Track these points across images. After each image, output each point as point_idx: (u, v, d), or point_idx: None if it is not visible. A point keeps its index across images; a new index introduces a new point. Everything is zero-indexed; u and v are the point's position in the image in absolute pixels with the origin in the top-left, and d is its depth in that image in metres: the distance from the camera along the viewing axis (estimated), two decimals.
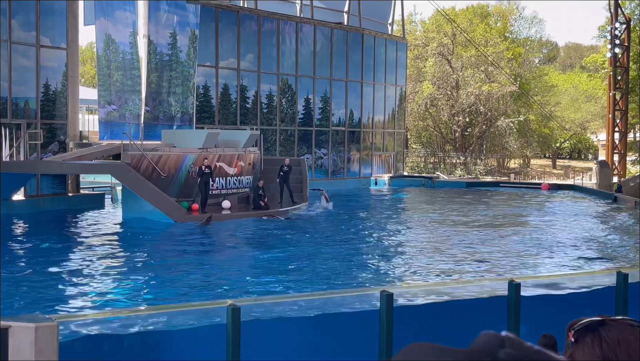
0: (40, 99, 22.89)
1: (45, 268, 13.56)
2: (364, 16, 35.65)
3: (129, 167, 20.00)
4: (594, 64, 56.34)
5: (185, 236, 18.11)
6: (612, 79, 39.90)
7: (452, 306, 8.35)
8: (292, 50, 31.91)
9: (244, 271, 13.64)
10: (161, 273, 13.30)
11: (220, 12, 28.71)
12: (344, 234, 18.78)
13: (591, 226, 21.56)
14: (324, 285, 12.40)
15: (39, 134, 22.50)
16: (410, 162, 49.68)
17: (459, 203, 27.98)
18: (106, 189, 26.24)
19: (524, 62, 54.05)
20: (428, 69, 51.47)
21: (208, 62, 28.51)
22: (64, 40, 23.62)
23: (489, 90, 49.32)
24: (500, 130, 51.95)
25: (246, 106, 30.04)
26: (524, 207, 27.09)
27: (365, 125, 35.67)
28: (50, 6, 23.09)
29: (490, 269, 14.15)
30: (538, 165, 58.73)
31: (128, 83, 25.03)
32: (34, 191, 22.74)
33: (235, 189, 22.76)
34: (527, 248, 16.81)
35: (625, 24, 39.47)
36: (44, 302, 10.85)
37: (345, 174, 34.65)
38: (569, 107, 58.22)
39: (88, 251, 15.88)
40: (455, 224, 21.21)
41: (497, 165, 51.05)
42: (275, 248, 16.08)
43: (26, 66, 22.51)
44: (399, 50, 38.06)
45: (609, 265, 14.72)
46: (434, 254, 15.76)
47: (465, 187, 35.51)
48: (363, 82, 35.31)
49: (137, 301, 11.31)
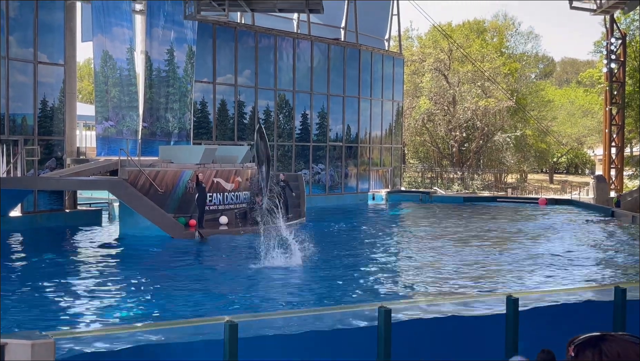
0: (37, 116, 22.91)
1: (41, 285, 13.51)
2: (361, 32, 35.80)
3: (126, 184, 19.99)
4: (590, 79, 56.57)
5: (183, 252, 18.07)
6: (608, 94, 40.05)
7: (450, 322, 8.32)
8: (289, 66, 32.01)
9: (241, 287, 13.60)
10: (158, 289, 13.26)
11: (218, 28, 28.81)
12: (341, 249, 18.74)
13: (589, 241, 21.54)
14: (321, 301, 12.36)
15: (36, 151, 22.50)
16: (408, 178, 49.71)
17: (457, 218, 27.98)
18: (103, 205, 26.21)
19: (520, 77, 54.24)
20: (425, 85, 51.61)
21: (205, 78, 28.57)
22: (61, 56, 23.68)
23: (486, 105, 49.45)
24: (497, 145, 52.05)
25: (243, 122, 30.08)
26: (521, 222, 27.08)
27: (362, 140, 35.73)
28: (48, 23, 23.17)
29: (488, 285, 14.12)
30: (535, 180, 58.78)
31: (125, 99, 25.07)
32: (31, 207, 22.70)
33: (232, 205, 22.74)
34: (525, 263, 16.79)
35: (620, 39, 39.69)
36: (40, 319, 10.80)
37: (342, 190, 34.65)
38: (566, 122, 58.35)
39: (85, 267, 15.83)
40: (453, 240, 21.19)
41: (494, 180, 51.09)
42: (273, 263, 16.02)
43: (24, 83, 22.55)
44: (396, 65, 38.20)
45: (607, 280, 14.70)
46: (431, 270, 15.73)
47: (462, 202, 35.53)
48: (360, 97, 35.40)
49: (134, 318, 11.26)
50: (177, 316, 11.04)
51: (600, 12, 39.08)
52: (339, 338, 7.44)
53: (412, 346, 7.35)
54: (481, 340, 7.75)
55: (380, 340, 6.48)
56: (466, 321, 8.29)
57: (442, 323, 8.27)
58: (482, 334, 7.77)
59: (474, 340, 7.77)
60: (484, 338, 7.75)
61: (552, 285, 14.06)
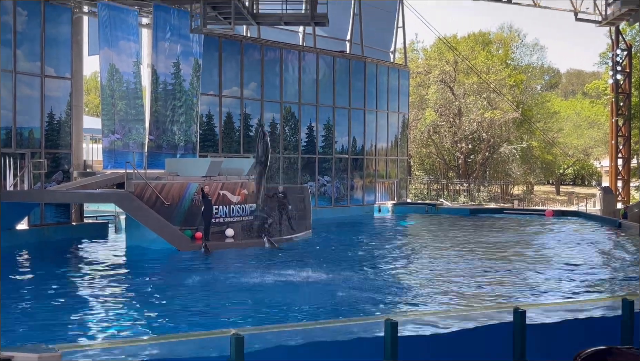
0: (44, 129, 23.02)
1: (48, 298, 13.52)
2: (366, 44, 35.90)
3: (132, 196, 20.03)
4: (596, 90, 56.56)
5: (189, 264, 18.07)
6: (614, 106, 40.00)
7: (456, 335, 8.29)
8: (295, 78, 32.10)
9: (247, 300, 13.58)
10: (164, 302, 13.26)
11: (224, 42, 28.93)
12: (347, 261, 18.72)
13: (596, 253, 21.47)
14: (327, 313, 12.33)
15: (43, 164, 22.58)
16: (414, 189, 49.66)
17: (463, 229, 27.93)
18: (110, 218, 26.25)
19: (526, 89, 54.23)
20: (430, 96, 51.65)
21: (211, 91, 28.68)
22: (68, 70, 23.81)
23: (492, 117, 49.43)
24: (503, 157, 51.98)
25: (249, 134, 30.14)
26: (528, 234, 27.01)
27: (368, 152, 35.75)
28: (55, 37, 23.31)
29: (495, 297, 14.08)
30: (541, 191, 58.66)
31: (132, 112, 25.16)
32: (37, 220, 22.76)
33: (238, 217, 22.75)
34: (532, 275, 16.74)
35: (626, 51, 39.67)
36: (47, 332, 10.81)
37: (348, 202, 34.65)
38: (572, 134, 58.27)
39: (91, 280, 15.84)
40: (460, 251, 21.15)
41: (500, 192, 51.00)
42: (278, 276, 16.02)
43: (30, 96, 22.66)
44: (401, 77, 38.27)
45: (615, 292, 14.63)
46: (437, 282, 15.69)
47: (469, 214, 35.47)
48: (366, 109, 35.46)
49: (141, 331, 11.26)
50: (183, 329, 11.03)
51: (605, 24, 39.11)
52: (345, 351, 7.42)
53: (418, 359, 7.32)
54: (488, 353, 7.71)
55: (387, 353, 6.47)
56: (473, 334, 8.26)
57: (449, 336, 8.24)
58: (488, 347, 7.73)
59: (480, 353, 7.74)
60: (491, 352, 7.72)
61: (560, 297, 14.01)
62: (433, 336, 8.18)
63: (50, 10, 23.16)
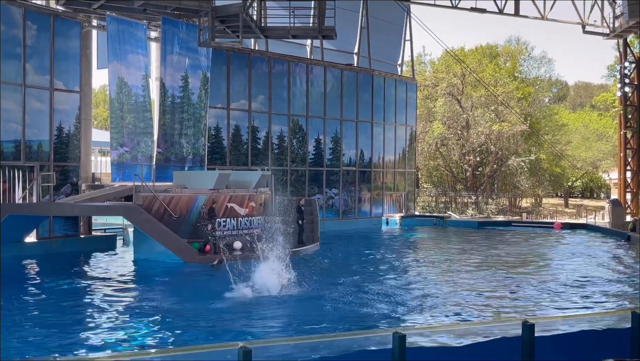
0: (53, 142, 23.12)
1: (55, 310, 13.54)
2: (374, 57, 35.98)
3: (140, 209, 20.07)
4: (604, 102, 56.49)
5: (197, 277, 18.07)
6: (622, 118, 39.92)
7: (465, 348, 8.26)
8: (303, 91, 32.18)
9: (254, 313, 13.56)
10: (172, 315, 13.24)
11: (232, 55, 29.06)
12: (355, 274, 18.68)
13: (605, 266, 21.37)
14: (334, 326, 12.30)
15: (52, 177, 22.68)
16: (422, 202, 49.58)
17: (471, 242, 27.84)
18: (118, 230, 26.30)
19: (533, 101, 54.19)
20: (438, 109, 51.66)
21: (219, 104, 28.77)
22: (77, 83, 23.94)
23: (500, 129, 49.39)
24: (511, 169, 51.88)
25: (257, 147, 30.20)
26: (537, 246, 26.91)
27: (376, 165, 35.75)
28: (64, 50, 23.46)
29: (504, 310, 14.01)
30: (550, 204, 58.46)
31: (140, 125, 25.26)
32: (46, 233, 22.83)
33: (246, 230, 22.75)
34: (540, 288, 16.66)
35: (634, 63, 39.62)
36: (52, 344, 10.81)
37: (356, 214, 34.62)
38: (580, 146, 58.13)
39: (99, 292, 15.86)
40: (468, 264, 21.08)
41: (508, 204, 50.85)
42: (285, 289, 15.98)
43: (40, 109, 22.79)
44: (409, 90, 38.32)
45: (624, 306, 14.55)
46: (446, 295, 15.63)
47: (477, 226, 35.37)
48: (373, 122, 35.49)
49: (148, 343, 11.25)
50: (190, 342, 11.02)
51: (613, 36, 39.10)
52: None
53: None
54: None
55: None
56: (481, 347, 8.22)
57: (457, 349, 8.21)
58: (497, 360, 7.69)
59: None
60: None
61: (569, 310, 13.94)
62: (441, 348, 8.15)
63: (60, 24, 23.32)
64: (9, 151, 21.82)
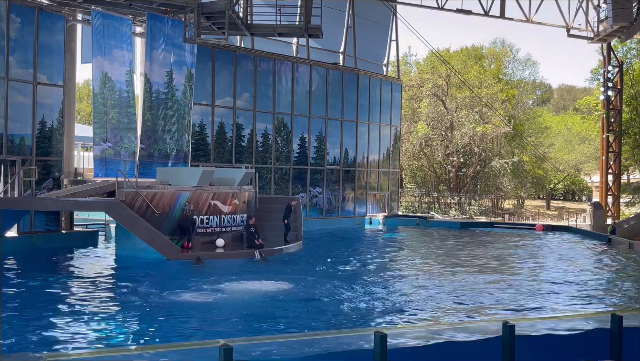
0: (35, 136, 22.96)
1: (36, 306, 13.45)
2: (360, 57, 36.03)
3: (123, 205, 19.98)
4: (587, 106, 56.86)
5: (179, 274, 18.01)
6: (605, 121, 40.25)
7: (446, 348, 8.29)
8: (288, 89, 32.15)
9: (236, 311, 13.54)
10: (153, 312, 13.20)
11: (217, 52, 28.98)
12: (337, 273, 18.70)
13: (586, 268, 21.53)
14: (316, 325, 12.31)
15: (34, 171, 22.51)
16: (405, 202, 49.72)
17: (454, 243, 27.96)
18: (100, 226, 26.16)
19: (517, 103, 54.51)
20: (423, 110, 51.83)
21: (204, 101, 28.69)
22: (61, 78, 23.78)
23: (483, 131, 49.64)
24: (494, 171, 52.15)
25: (241, 144, 30.15)
26: (518, 248, 27.06)
27: (360, 164, 35.80)
28: (48, 44, 23.29)
29: (485, 311, 14.08)
30: (532, 206, 58.84)
31: (124, 121, 25.13)
32: (27, 228, 22.66)
33: (229, 227, 22.71)
34: (521, 290, 16.75)
35: (617, 67, 39.96)
36: (34, 341, 10.74)
37: (339, 213, 34.65)
38: (563, 149, 58.54)
39: (79, 289, 15.77)
40: (450, 265, 21.16)
41: (491, 205, 51.11)
42: (267, 287, 15.99)
43: (22, 103, 22.62)
44: (394, 90, 38.40)
45: (604, 308, 14.66)
46: (427, 295, 15.68)
47: (459, 227, 35.54)
48: (358, 121, 35.54)
49: (129, 340, 11.20)
50: (172, 339, 10.99)
51: (597, 40, 39.39)
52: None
53: None
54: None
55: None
56: (462, 347, 8.26)
57: (438, 349, 8.24)
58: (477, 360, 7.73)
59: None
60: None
61: (549, 311, 14.02)
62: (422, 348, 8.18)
63: (44, 17, 23.15)
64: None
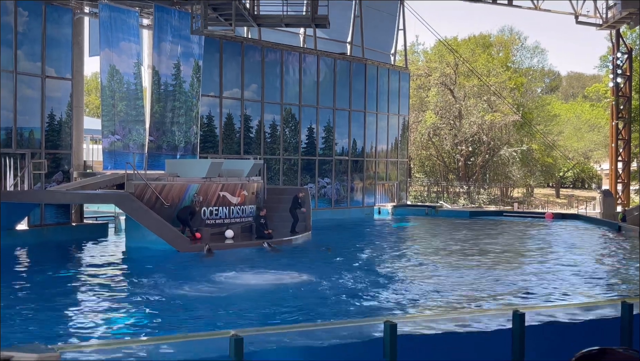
0: (44, 129, 23.02)
1: (47, 298, 13.52)
2: (367, 47, 35.92)
3: (132, 197, 20.04)
4: (596, 93, 56.63)
5: (189, 265, 18.07)
6: (614, 109, 40.04)
7: (456, 337, 8.29)
8: (296, 80, 32.11)
9: (246, 301, 13.58)
10: (164, 303, 13.25)
11: (225, 43, 28.96)
12: (347, 263, 18.71)
13: (596, 256, 21.47)
14: (326, 315, 12.33)
15: (43, 164, 22.58)
16: (414, 192, 49.67)
17: (463, 232, 27.92)
18: (110, 218, 26.25)
19: (526, 91, 54.29)
20: (431, 99, 51.69)
21: (212, 92, 28.69)
22: (69, 71, 23.82)
23: (492, 119, 49.46)
24: (503, 159, 52.01)
25: (250, 136, 30.16)
26: (528, 236, 27.01)
27: (368, 154, 35.76)
28: (56, 37, 23.32)
29: (495, 299, 14.07)
30: (541, 194, 58.68)
31: (132, 113, 25.17)
32: (37, 221, 22.77)
33: (238, 219, 22.75)
34: (531, 278, 16.73)
35: (626, 54, 39.71)
36: (46, 332, 10.80)
37: (348, 204, 34.65)
38: (572, 137, 58.32)
39: (90, 280, 15.84)
40: (459, 254, 21.15)
41: (500, 194, 51.01)
42: (277, 277, 16.03)
43: (31, 96, 22.67)
44: (402, 80, 38.29)
45: (614, 295, 14.63)
46: (437, 284, 15.68)
47: (468, 216, 35.48)
48: (366, 111, 35.47)
49: (140, 331, 11.26)
50: (182, 331, 11.03)
51: (606, 27, 39.14)
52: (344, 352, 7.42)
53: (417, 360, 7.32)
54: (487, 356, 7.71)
55: (386, 355, 6.47)
56: (472, 337, 8.26)
57: (448, 338, 8.24)
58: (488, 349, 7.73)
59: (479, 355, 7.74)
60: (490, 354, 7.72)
61: (559, 300, 14.00)
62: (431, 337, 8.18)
63: (51, 11, 23.18)
64: (0, 138, 21.71)
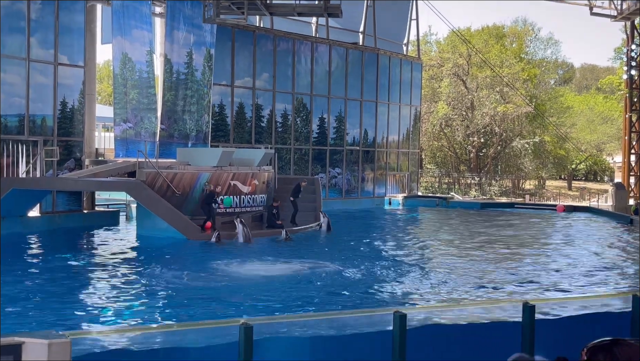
0: (57, 117, 23.10)
1: (59, 285, 13.60)
2: (379, 36, 35.79)
3: (144, 185, 20.08)
4: (609, 85, 56.27)
5: (199, 253, 18.13)
6: (628, 101, 39.77)
7: (465, 328, 8.29)
8: (307, 69, 32.06)
9: (256, 290, 13.61)
10: (174, 290, 13.30)
11: (237, 32, 28.93)
12: (356, 254, 18.72)
13: (607, 249, 21.38)
14: (335, 305, 12.35)
15: (55, 151, 22.68)
16: (425, 183, 49.58)
17: (474, 223, 27.85)
18: (121, 206, 26.35)
19: (539, 83, 53.98)
20: (443, 90, 51.49)
21: (224, 81, 28.70)
22: (81, 58, 23.86)
23: (504, 111, 49.24)
24: (515, 151, 51.81)
25: (261, 125, 30.16)
26: (539, 229, 26.92)
27: (379, 145, 35.69)
28: (69, 25, 23.35)
29: (505, 291, 14.04)
30: (553, 186, 58.44)
31: (144, 101, 25.21)
32: (49, 208, 22.88)
33: (249, 208, 22.78)
34: (542, 270, 16.68)
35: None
36: (57, 318, 10.87)
37: (359, 194, 34.63)
38: (585, 129, 57.98)
39: (101, 268, 15.92)
40: (470, 245, 21.10)
41: (512, 186, 50.84)
42: (288, 266, 16.06)
43: (44, 84, 22.74)
44: (414, 70, 38.14)
45: (625, 288, 14.57)
46: (447, 275, 15.66)
47: (479, 208, 35.37)
48: (378, 101, 35.38)
49: (150, 319, 11.31)
50: (192, 318, 11.07)
51: (620, 19, 38.84)
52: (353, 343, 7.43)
53: (426, 352, 7.32)
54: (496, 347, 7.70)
55: (395, 345, 6.47)
56: (481, 328, 8.25)
57: (458, 329, 8.24)
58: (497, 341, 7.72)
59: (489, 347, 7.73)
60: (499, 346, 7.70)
61: (570, 292, 13.96)
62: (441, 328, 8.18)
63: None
64: (13, 125, 21.81)
